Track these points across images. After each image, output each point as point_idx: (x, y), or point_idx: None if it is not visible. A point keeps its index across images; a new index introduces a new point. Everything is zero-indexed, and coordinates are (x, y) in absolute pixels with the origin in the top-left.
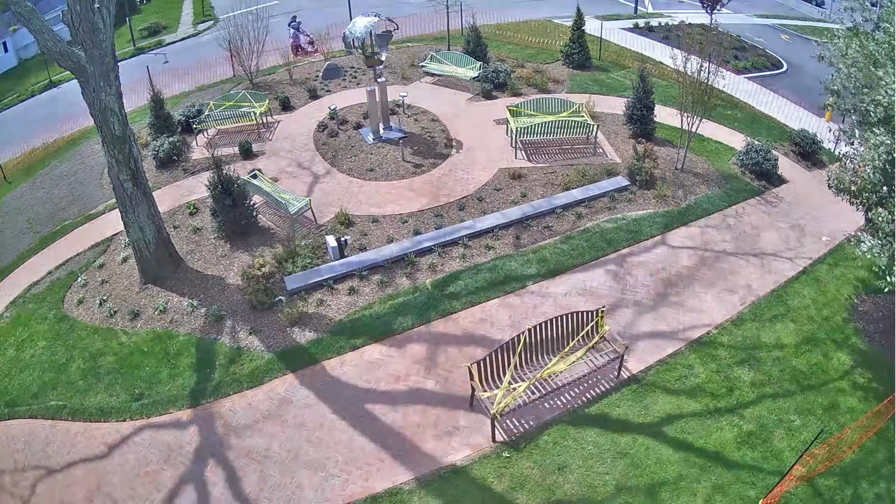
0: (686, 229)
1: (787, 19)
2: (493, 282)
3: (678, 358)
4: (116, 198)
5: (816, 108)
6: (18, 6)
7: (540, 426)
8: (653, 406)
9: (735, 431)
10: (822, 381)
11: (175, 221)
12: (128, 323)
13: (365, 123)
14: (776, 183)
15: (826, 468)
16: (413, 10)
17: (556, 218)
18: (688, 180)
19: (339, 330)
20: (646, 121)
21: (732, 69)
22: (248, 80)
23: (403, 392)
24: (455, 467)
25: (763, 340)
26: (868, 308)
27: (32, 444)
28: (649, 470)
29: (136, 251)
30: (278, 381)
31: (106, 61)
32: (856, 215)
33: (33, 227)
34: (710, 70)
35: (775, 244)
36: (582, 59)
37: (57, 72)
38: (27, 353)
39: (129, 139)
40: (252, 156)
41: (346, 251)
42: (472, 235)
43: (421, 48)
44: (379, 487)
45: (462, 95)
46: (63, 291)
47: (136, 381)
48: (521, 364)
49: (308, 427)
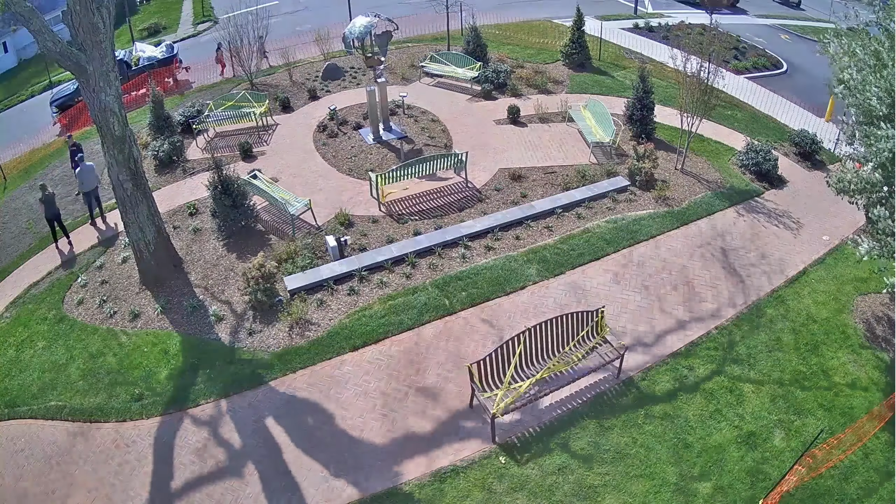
0: (686, 229)
1: (787, 19)
2: (493, 282)
3: (678, 358)
4: (116, 198)
5: (816, 107)
6: (18, 6)
7: (540, 426)
8: (653, 406)
9: (735, 432)
10: (821, 381)
11: (175, 222)
12: (128, 323)
13: (365, 124)
14: (776, 183)
15: (826, 469)
16: (413, 10)
17: (556, 218)
18: (688, 180)
19: (339, 330)
20: (646, 121)
21: (732, 69)
22: (247, 81)
23: (403, 392)
24: (455, 467)
25: (763, 340)
26: (868, 308)
27: (32, 444)
28: (649, 470)
29: (135, 251)
30: (278, 382)
31: (106, 61)
32: (856, 215)
33: (33, 227)
34: (710, 70)
35: (775, 244)
36: (582, 59)
37: (57, 72)
38: (27, 353)
39: (129, 139)
40: (252, 156)
41: (346, 251)
42: (472, 236)
43: (421, 48)
44: (379, 487)
45: (462, 96)
46: (63, 292)
47: (136, 381)
48: (522, 364)
49: (308, 427)
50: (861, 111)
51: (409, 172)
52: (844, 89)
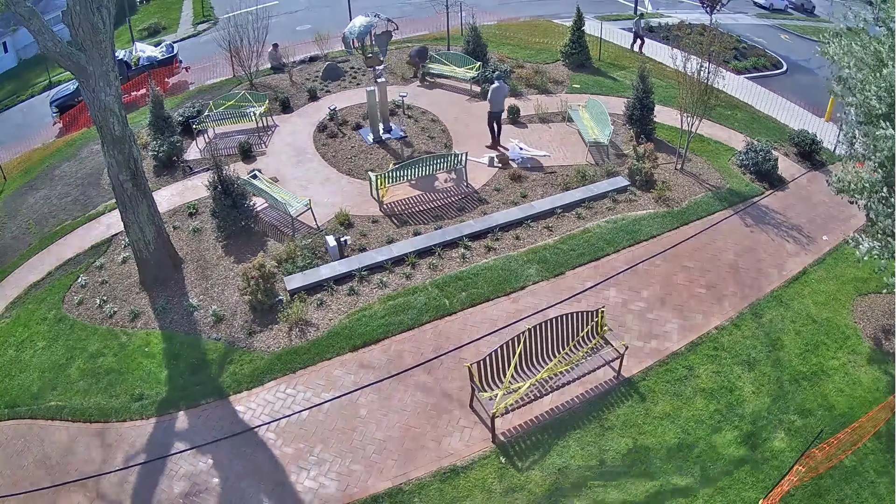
0: (686, 229)
1: (786, 19)
2: (493, 282)
3: (678, 358)
4: (116, 198)
5: (816, 108)
6: (18, 6)
7: (540, 426)
8: (653, 407)
9: (735, 432)
10: (821, 381)
11: (175, 222)
12: (128, 323)
13: (364, 124)
14: (776, 183)
15: (826, 469)
16: (413, 10)
17: (556, 218)
18: (687, 181)
19: (338, 330)
20: (646, 121)
21: (732, 69)
22: (247, 81)
23: (403, 392)
24: (455, 468)
25: (763, 341)
26: (868, 308)
27: (32, 444)
28: (649, 471)
29: (135, 251)
30: (279, 382)
31: (106, 62)
32: (856, 216)
33: (33, 227)
34: (710, 70)
35: (775, 244)
36: (582, 59)
37: (57, 72)
38: (27, 353)
39: (129, 139)
40: (252, 157)
41: (346, 252)
42: (472, 236)
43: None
44: (379, 487)
45: (462, 96)
46: (63, 292)
47: (135, 381)
48: (522, 364)
49: (308, 427)
50: (861, 111)
51: (409, 173)
52: (844, 89)
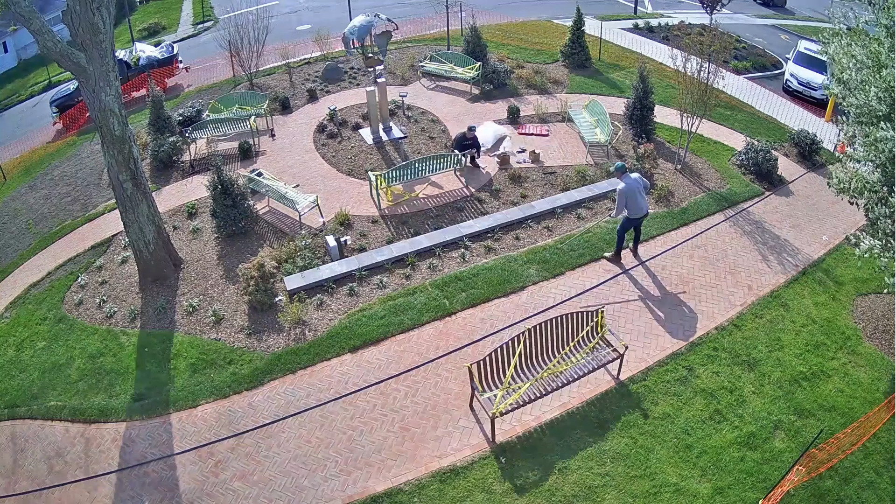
0: (685, 229)
1: (785, 19)
2: (493, 282)
3: (678, 358)
4: (116, 198)
5: (816, 108)
6: (18, 6)
7: (540, 427)
8: (652, 407)
9: (735, 432)
10: (821, 381)
11: (175, 222)
12: (127, 323)
13: (364, 124)
14: (776, 183)
15: (826, 469)
16: (413, 10)
17: (556, 219)
18: (687, 181)
19: (338, 330)
20: (645, 121)
21: (732, 69)
22: (247, 81)
23: (403, 393)
24: (455, 468)
25: (763, 341)
26: (868, 308)
27: (32, 444)
28: (649, 471)
29: (135, 251)
30: (278, 382)
31: (106, 62)
32: (856, 216)
33: (33, 227)
34: (710, 70)
35: (775, 244)
36: (582, 59)
37: (57, 72)
38: (27, 353)
39: (129, 139)
40: (251, 157)
41: (346, 252)
42: (472, 236)
43: (420, 48)
44: (379, 487)
45: (462, 96)
46: (63, 292)
47: (135, 381)
48: (522, 364)
49: (308, 427)
50: (860, 111)
51: (409, 173)
52: (844, 90)
